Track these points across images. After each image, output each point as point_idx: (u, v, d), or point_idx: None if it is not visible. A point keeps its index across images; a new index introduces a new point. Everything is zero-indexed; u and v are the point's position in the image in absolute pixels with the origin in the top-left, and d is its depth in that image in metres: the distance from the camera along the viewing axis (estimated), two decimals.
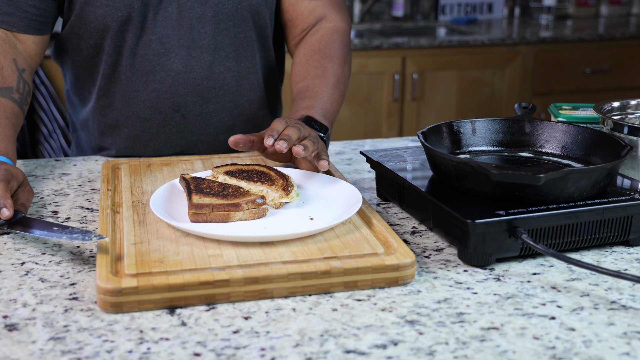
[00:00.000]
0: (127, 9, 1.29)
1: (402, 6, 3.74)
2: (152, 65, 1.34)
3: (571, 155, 1.14)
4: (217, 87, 1.38)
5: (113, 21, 1.29)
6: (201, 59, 1.35)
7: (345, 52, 1.42)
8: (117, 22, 1.30)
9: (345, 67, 1.40)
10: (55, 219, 1.08)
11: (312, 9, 1.42)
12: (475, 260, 0.93)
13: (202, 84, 1.36)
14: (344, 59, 1.40)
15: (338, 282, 0.86)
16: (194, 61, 1.35)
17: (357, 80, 3.14)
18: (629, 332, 0.79)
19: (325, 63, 1.36)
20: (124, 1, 1.28)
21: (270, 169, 1.09)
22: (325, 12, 1.43)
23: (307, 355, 0.74)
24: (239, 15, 1.36)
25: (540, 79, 3.41)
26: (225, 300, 0.84)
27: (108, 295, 0.81)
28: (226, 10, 1.34)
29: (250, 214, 0.98)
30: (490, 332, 0.79)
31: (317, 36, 1.41)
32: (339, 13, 1.46)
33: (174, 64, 1.34)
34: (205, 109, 1.38)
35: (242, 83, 1.40)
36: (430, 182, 1.06)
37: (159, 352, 0.74)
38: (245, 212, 0.98)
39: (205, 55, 1.35)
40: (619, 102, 1.23)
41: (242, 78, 1.40)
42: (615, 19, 3.97)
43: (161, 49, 1.33)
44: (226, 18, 1.35)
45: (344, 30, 1.44)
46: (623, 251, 0.99)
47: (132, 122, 1.38)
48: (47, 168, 1.31)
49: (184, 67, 1.34)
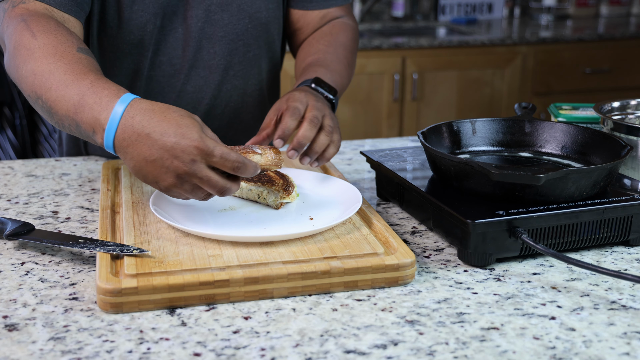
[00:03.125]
0: (140, 32, 1.25)
1: (402, 6, 3.74)
2: (162, 86, 1.32)
3: (571, 155, 1.14)
4: (223, 105, 1.37)
5: (123, 43, 1.26)
6: (210, 78, 1.33)
7: (354, 44, 1.42)
8: (127, 45, 1.26)
9: (354, 57, 1.40)
10: (56, 219, 1.08)
11: (323, 15, 1.42)
12: (475, 260, 0.93)
13: (209, 103, 1.35)
14: (353, 50, 1.40)
15: (338, 282, 0.86)
16: (202, 81, 1.33)
17: (357, 80, 3.14)
18: (629, 332, 0.79)
19: (337, 46, 1.35)
20: (138, 25, 1.24)
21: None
22: (337, 14, 1.43)
23: (307, 355, 0.74)
24: (249, 35, 1.34)
25: (540, 79, 3.41)
26: (225, 300, 0.84)
27: (108, 295, 0.81)
28: (237, 31, 1.32)
29: (266, 159, 0.94)
30: (490, 332, 0.79)
31: (328, 25, 1.41)
32: (350, 16, 1.46)
33: (183, 85, 1.32)
34: (211, 126, 1.38)
35: (247, 100, 1.39)
36: (430, 182, 1.06)
37: (159, 352, 0.74)
38: (262, 156, 0.94)
39: (214, 75, 1.33)
40: (619, 102, 1.23)
41: (247, 95, 1.39)
42: (615, 19, 3.97)
43: (171, 70, 1.31)
44: (236, 38, 1.32)
45: (354, 28, 1.45)
46: (623, 251, 0.99)
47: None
48: (47, 168, 1.31)
49: (193, 87, 1.33)
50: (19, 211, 1.11)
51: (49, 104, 0.94)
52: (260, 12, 1.33)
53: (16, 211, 1.11)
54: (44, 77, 0.95)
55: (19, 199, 1.16)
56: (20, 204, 1.14)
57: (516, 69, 3.36)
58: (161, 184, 0.89)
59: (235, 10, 1.30)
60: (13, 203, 1.14)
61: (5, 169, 1.31)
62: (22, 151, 1.56)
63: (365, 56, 3.15)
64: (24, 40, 0.98)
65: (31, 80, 0.96)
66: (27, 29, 0.99)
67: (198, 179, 0.87)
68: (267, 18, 1.34)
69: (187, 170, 0.86)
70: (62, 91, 0.93)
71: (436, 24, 3.78)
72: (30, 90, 0.97)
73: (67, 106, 0.92)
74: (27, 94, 0.99)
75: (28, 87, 0.97)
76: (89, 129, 0.91)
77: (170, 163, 0.86)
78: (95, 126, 0.90)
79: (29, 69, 0.96)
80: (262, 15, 1.33)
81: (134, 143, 0.88)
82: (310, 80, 1.20)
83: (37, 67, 0.95)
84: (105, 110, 0.89)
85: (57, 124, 0.96)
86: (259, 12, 1.33)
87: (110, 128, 0.88)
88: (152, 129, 0.87)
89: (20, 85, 0.99)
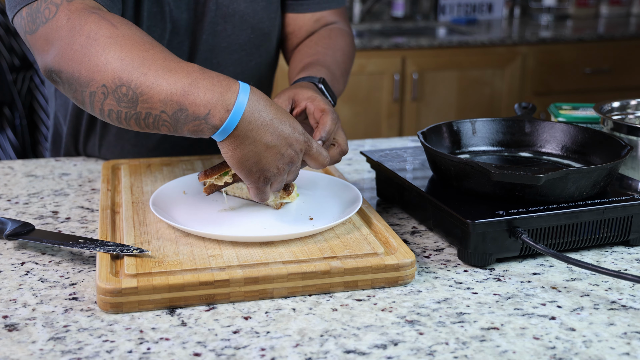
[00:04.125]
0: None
1: (402, 6, 3.74)
2: None
3: (571, 155, 1.14)
4: None
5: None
6: None
7: (352, 51, 1.40)
8: None
9: (350, 64, 1.39)
10: (56, 219, 1.08)
11: (317, 18, 1.41)
12: (475, 260, 0.93)
13: None
14: (350, 57, 1.39)
15: (338, 282, 0.86)
16: None
17: (357, 80, 3.14)
18: (629, 332, 0.79)
19: (335, 49, 1.34)
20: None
21: None
22: (331, 19, 1.42)
23: (307, 355, 0.74)
24: (252, 44, 1.33)
25: (540, 79, 3.41)
26: (225, 300, 0.84)
27: (108, 295, 0.81)
28: (239, 41, 1.32)
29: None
30: (490, 332, 0.79)
31: (325, 30, 1.40)
32: (345, 21, 1.45)
33: None
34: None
35: None
36: (430, 182, 1.06)
37: (159, 352, 0.74)
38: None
39: None
40: (619, 102, 1.23)
41: None
42: (615, 19, 3.97)
43: None
44: (239, 48, 1.32)
45: (351, 35, 1.43)
46: (623, 251, 0.99)
47: (139, 149, 1.36)
48: (47, 168, 1.31)
49: None
50: (19, 211, 1.11)
51: (140, 90, 0.89)
52: (263, 22, 1.33)
53: (16, 211, 1.11)
54: (136, 63, 0.90)
55: (19, 199, 1.16)
56: (20, 204, 1.14)
57: (516, 69, 3.36)
58: (271, 170, 0.91)
59: (238, 21, 1.30)
60: (13, 203, 1.14)
61: (5, 169, 1.31)
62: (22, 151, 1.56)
63: (365, 56, 3.15)
64: (103, 29, 0.93)
65: (116, 66, 0.90)
66: (104, 19, 0.94)
67: (295, 168, 0.95)
68: (269, 28, 1.34)
69: (295, 159, 0.93)
70: (163, 76, 0.89)
71: (436, 24, 3.78)
72: (111, 78, 0.90)
73: (169, 90, 0.88)
74: (102, 82, 0.91)
75: (108, 75, 0.90)
76: (201, 111, 0.87)
77: (285, 150, 0.91)
78: (216, 107, 0.87)
79: (113, 55, 0.91)
80: (264, 26, 1.33)
81: (259, 128, 0.88)
82: (317, 78, 1.17)
83: (126, 54, 0.91)
84: (228, 92, 0.87)
85: (137, 115, 0.91)
86: (261, 22, 1.32)
87: (239, 109, 0.87)
88: (274, 116, 0.90)
89: (91, 76, 0.92)
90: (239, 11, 1.30)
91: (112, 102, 0.91)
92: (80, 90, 0.93)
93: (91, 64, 0.91)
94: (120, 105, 0.91)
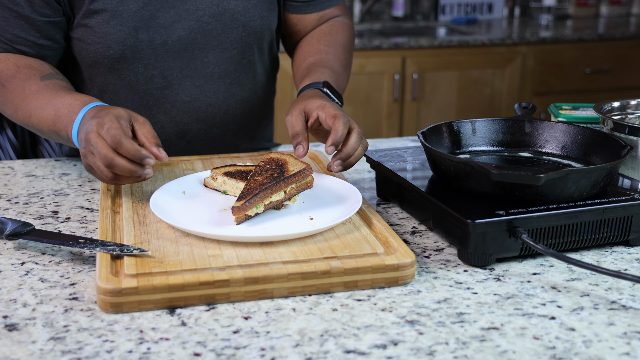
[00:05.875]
0: (119, 47, 1.25)
1: (402, 6, 3.74)
2: (156, 98, 1.32)
3: (571, 155, 1.14)
4: (222, 112, 1.37)
5: (105, 58, 1.27)
6: (205, 87, 1.33)
7: (352, 44, 1.43)
8: (108, 60, 1.27)
9: (351, 57, 1.42)
10: (56, 219, 1.08)
11: (320, 16, 1.43)
12: (475, 260, 0.93)
13: (207, 111, 1.35)
14: (350, 51, 1.42)
15: (338, 282, 0.86)
16: (198, 90, 1.33)
17: (357, 80, 3.14)
18: (629, 332, 0.79)
19: (337, 46, 1.37)
20: (116, 39, 1.25)
21: None
22: (333, 14, 1.45)
23: (307, 355, 0.74)
24: (243, 42, 1.34)
25: (540, 79, 3.41)
26: (225, 300, 0.84)
27: (108, 295, 0.81)
28: (230, 39, 1.32)
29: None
30: (490, 332, 0.79)
31: (327, 24, 1.43)
32: (346, 14, 1.48)
33: (179, 95, 1.32)
34: (210, 134, 1.38)
35: (245, 105, 1.40)
36: (430, 182, 1.06)
37: (159, 352, 0.74)
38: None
39: (210, 84, 1.33)
40: (619, 102, 1.23)
41: (245, 101, 1.39)
42: (615, 19, 3.97)
43: (164, 82, 1.31)
44: (231, 46, 1.33)
45: (351, 26, 1.46)
46: (623, 251, 0.99)
47: None
48: (47, 168, 1.31)
49: (189, 97, 1.33)
50: (19, 211, 1.11)
51: (34, 127, 1.19)
52: (254, 20, 1.33)
53: (16, 211, 1.11)
54: (22, 111, 1.19)
55: (19, 199, 1.16)
56: (20, 204, 1.14)
57: (516, 69, 3.36)
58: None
59: (229, 19, 1.31)
60: (13, 203, 1.14)
61: (5, 169, 1.31)
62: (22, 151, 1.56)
63: (365, 56, 3.15)
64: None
65: (16, 117, 1.22)
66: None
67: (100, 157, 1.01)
68: (261, 26, 1.35)
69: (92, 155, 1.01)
70: (39, 113, 1.16)
71: (436, 24, 3.78)
72: (20, 123, 1.22)
73: (47, 123, 1.15)
74: (20, 125, 1.27)
75: (18, 122, 1.23)
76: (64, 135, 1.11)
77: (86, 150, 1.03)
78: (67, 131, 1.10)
79: (10, 109, 1.22)
80: (256, 24, 1.33)
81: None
82: (321, 83, 1.21)
83: (15, 106, 1.20)
84: (72, 117, 1.09)
85: (50, 138, 1.20)
86: (252, 20, 1.33)
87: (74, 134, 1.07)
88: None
89: (13, 121, 1.28)
90: (229, 9, 1.30)
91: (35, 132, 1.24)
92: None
93: (7, 115, 1.25)
94: (40, 134, 1.23)
